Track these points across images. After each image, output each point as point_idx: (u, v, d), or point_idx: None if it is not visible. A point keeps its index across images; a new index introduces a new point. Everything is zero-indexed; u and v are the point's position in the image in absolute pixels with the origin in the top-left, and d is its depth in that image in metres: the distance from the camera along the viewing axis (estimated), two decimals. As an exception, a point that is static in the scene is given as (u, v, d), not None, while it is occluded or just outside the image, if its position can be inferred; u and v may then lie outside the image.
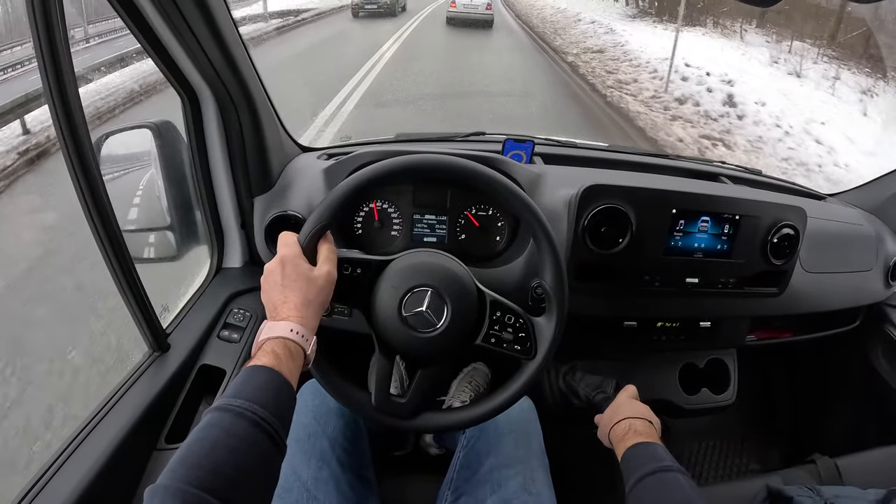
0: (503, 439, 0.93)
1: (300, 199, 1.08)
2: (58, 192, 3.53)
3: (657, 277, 1.07)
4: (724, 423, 1.62)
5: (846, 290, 1.29)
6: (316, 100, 6.07)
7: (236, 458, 0.53)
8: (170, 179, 1.03)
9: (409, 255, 0.80)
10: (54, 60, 0.66)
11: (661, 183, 1.14)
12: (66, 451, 0.76)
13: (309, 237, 0.75)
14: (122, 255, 0.81)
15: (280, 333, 0.65)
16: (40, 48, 0.65)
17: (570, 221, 1.03)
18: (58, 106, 0.68)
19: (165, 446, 0.86)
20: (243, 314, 1.04)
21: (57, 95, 0.68)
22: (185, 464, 0.51)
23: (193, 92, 0.98)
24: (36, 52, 0.66)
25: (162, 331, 0.93)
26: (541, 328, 0.81)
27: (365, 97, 6.53)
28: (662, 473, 0.74)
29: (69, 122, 0.70)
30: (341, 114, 5.50)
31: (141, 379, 0.89)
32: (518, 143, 1.17)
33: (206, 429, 0.55)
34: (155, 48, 0.88)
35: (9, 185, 3.98)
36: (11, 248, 3.24)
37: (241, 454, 0.53)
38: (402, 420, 0.80)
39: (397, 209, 1.10)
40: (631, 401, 0.93)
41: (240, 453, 0.53)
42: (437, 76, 8.03)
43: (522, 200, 0.82)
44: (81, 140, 0.72)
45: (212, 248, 1.12)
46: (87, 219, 0.77)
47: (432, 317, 0.76)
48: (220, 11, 0.87)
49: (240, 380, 0.61)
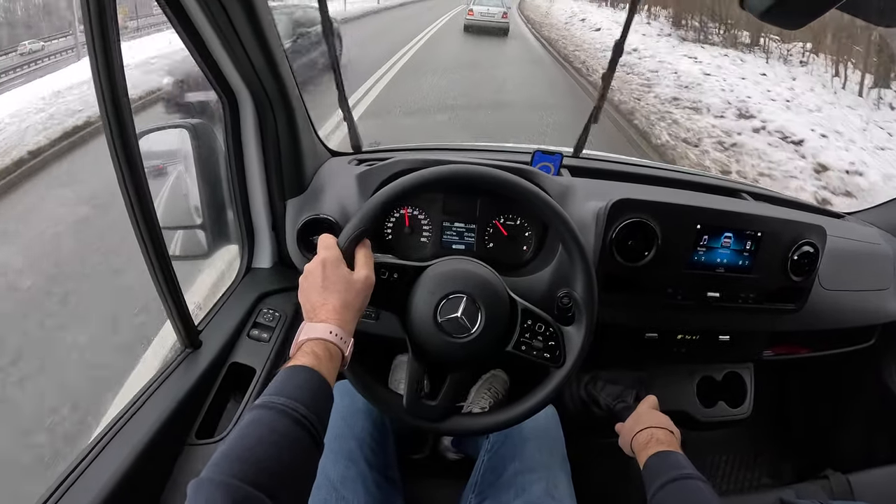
0: (527, 445, 0.95)
1: (333, 202, 1.10)
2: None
3: (680, 291, 1.09)
4: (737, 436, 1.63)
5: (863, 308, 1.30)
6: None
7: (279, 454, 0.54)
8: (204, 179, 1.05)
9: (445, 262, 0.82)
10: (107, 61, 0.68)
11: (686, 199, 1.15)
12: (100, 443, 0.77)
13: (349, 241, 0.77)
14: (162, 253, 0.82)
15: (320, 335, 0.67)
16: (93, 47, 0.67)
17: (599, 234, 1.04)
18: (108, 104, 0.70)
19: (196, 441, 0.88)
20: (272, 314, 1.06)
21: (108, 93, 0.69)
22: (228, 458, 0.52)
23: (233, 93, 1.00)
24: (89, 51, 0.68)
25: (195, 328, 0.94)
26: (570, 337, 0.83)
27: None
28: (684, 481, 0.76)
29: (118, 121, 0.71)
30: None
31: (173, 375, 0.90)
32: (547, 155, 1.18)
33: (249, 425, 0.56)
34: (199, 49, 0.90)
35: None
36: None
37: (283, 450, 0.55)
38: (433, 423, 0.81)
39: (427, 216, 1.12)
40: (652, 411, 0.94)
41: (282, 449, 0.55)
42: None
43: (558, 213, 0.84)
44: (129, 138, 0.73)
45: (242, 248, 1.14)
46: (129, 216, 0.79)
47: (466, 323, 0.78)
48: (264, 13, 0.89)
49: (281, 378, 0.62)
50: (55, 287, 2.75)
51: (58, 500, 0.70)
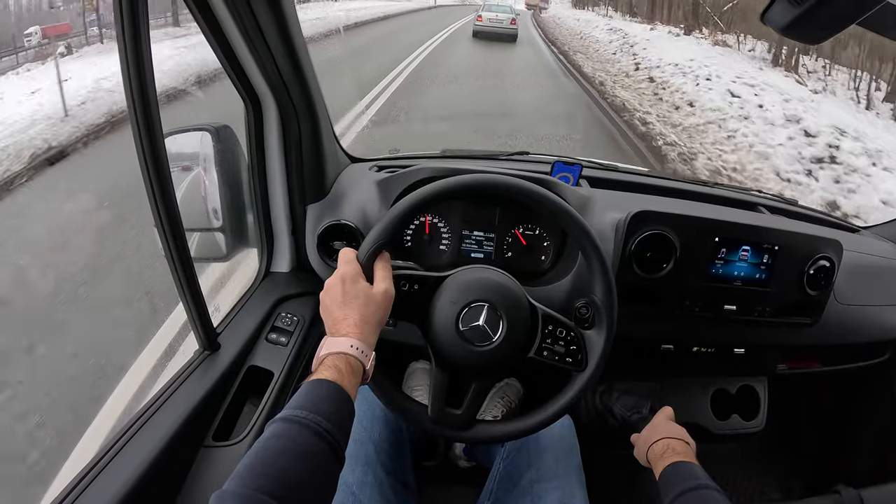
0: (543, 454, 0.95)
1: (354, 209, 1.10)
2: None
3: (697, 303, 1.09)
4: (748, 450, 1.63)
5: (878, 323, 1.29)
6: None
7: (300, 467, 0.55)
8: (225, 182, 1.05)
9: (465, 271, 0.83)
10: (138, 62, 0.68)
11: (705, 211, 1.16)
12: (118, 443, 0.77)
13: (368, 255, 0.77)
14: (185, 255, 0.83)
15: (341, 349, 0.67)
16: (125, 50, 0.68)
17: (618, 245, 1.05)
18: (137, 106, 0.71)
19: (213, 443, 0.88)
20: (291, 318, 1.06)
21: (138, 95, 0.70)
22: (251, 471, 0.53)
23: (258, 98, 1.01)
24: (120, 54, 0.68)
25: (213, 331, 0.95)
26: (591, 341, 0.83)
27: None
28: (701, 491, 0.76)
29: (147, 122, 0.72)
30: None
31: (192, 377, 0.90)
32: (566, 166, 1.19)
33: (271, 438, 0.56)
34: (225, 53, 0.91)
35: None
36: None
37: (305, 463, 0.55)
38: (458, 431, 0.81)
39: (447, 224, 1.12)
40: (668, 422, 0.95)
41: (304, 462, 0.55)
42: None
43: (577, 221, 0.84)
44: (156, 139, 0.74)
45: (262, 251, 1.14)
46: (154, 216, 0.79)
47: (489, 331, 0.78)
48: (292, 20, 0.90)
49: (303, 392, 0.62)
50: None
51: (74, 499, 0.70)
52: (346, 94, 6.58)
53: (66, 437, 1.76)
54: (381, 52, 10.83)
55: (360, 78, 7.77)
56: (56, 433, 1.81)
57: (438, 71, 9.25)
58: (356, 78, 7.69)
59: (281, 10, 0.86)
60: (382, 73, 8.30)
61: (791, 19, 0.65)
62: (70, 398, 1.99)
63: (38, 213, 3.24)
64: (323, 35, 11.34)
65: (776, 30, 0.69)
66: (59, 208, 3.23)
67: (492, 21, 14.64)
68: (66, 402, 1.96)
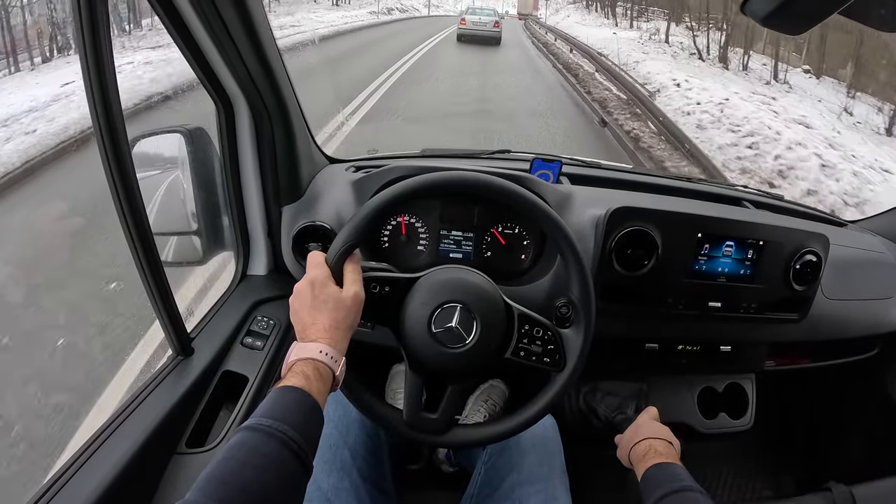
0: (525, 456, 0.93)
1: (329, 210, 1.09)
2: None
3: (681, 300, 1.08)
4: (738, 448, 1.61)
5: (866, 317, 1.28)
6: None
7: (264, 477, 0.53)
8: (199, 185, 1.04)
9: (437, 271, 0.81)
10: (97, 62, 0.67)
11: (687, 207, 1.14)
12: (87, 450, 0.76)
13: (336, 257, 0.76)
14: (153, 259, 0.81)
15: (310, 355, 0.66)
16: (84, 49, 0.66)
17: (598, 242, 1.03)
18: (98, 108, 0.69)
19: (186, 450, 0.86)
20: (267, 322, 1.04)
21: (99, 98, 0.68)
22: (213, 481, 0.52)
23: (228, 99, 0.99)
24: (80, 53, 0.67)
25: (187, 335, 0.93)
26: (569, 340, 0.82)
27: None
28: (682, 493, 0.75)
29: (108, 123, 0.70)
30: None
31: (164, 382, 0.89)
32: (546, 163, 1.18)
33: (235, 447, 0.55)
34: (194, 54, 0.89)
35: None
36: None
37: (268, 473, 0.54)
38: (434, 436, 0.80)
39: (424, 224, 1.11)
40: (652, 422, 0.93)
41: (268, 472, 0.54)
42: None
43: (551, 217, 0.83)
44: (119, 141, 0.72)
45: (238, 254, 1.13)
46: (120, 220, 0.77)
47: (462, 332, 0.77)
48: (260, 20, 0.88)
49: (270, 400, 0.61)
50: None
51: None
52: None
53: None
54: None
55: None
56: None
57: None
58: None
59: (247, 10, 0.84)
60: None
61: (772, 9, 0.64)
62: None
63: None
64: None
65: (757, 20, 0.68)
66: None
67: (475, 24, 14.82)
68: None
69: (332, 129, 5.33)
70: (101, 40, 0.67)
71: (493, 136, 5.92)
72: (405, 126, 6.21)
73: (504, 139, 5.81)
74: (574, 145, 6.07)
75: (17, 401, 1.89)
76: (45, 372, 2.05)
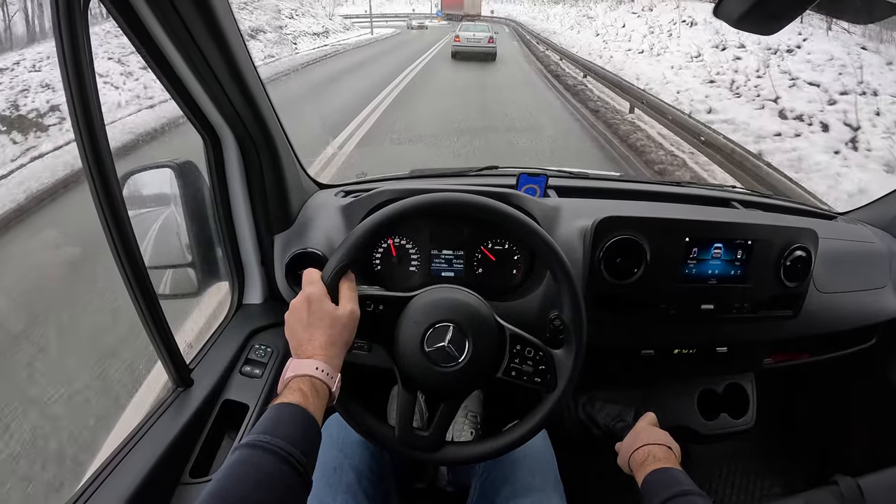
0: (518, 469, 0.94)
1: (319, 236, 1.10)
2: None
3: (673, 305, 1.08)
4: (745, 447, 1.61)
5: (861, 308, 1.28)
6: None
7: (264, 493, 0.54)
8: (191, 218, 1.05)
9: (430, 291, 0.82)
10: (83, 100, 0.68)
11: (674, 212, 1.15)
12: (93, 483, 0.77)
13: (332, 275, 0.77)
14: (148, 292, 0.82)
15: (306, 371, 0.67)
16: (69, 87, 0.67)
17: (586, 253, 1.04)
18: (86, 144, 0.70)
19: (190, 480, 0.87)
20: (264, 350, 1.05)
21: (86, 134, 0.70)
22: (215, 498, 0.52)
23: (215, 133, 1.01)
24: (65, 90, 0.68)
25: (185, 366, 0.94)
26: (560, 361, 0.82)
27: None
28: (682, 497, 0.75)
29: (97, 160, 0.71)
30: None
31: (165, 414, 0.90)
32: (531, 178, 1.19)
33: (235, 464, 0.56)
34: (178, 90, 0.91)
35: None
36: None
37: (268, 489, 0.55)
38: (426, 453, 0.80)
39: (415, 245, 1.11)
40: (650, 427, 0.93)
41: (268, 488, 0.55)
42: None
43: (539, 235, 0.84)
44: (108, 177, 0.73)
45: (232, 284, 1.14)
46: (113, 256, 0.79)
47: (454, 351, 0.77)
48: (240, 55, 0.90)
49: (267, 416, 0.62)
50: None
51: None
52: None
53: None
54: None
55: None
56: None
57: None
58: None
59: (226, 44, 0.86)
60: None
61: (744, 10, 0.65)
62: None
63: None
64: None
65: (730, 23, 0.69)
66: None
67: (469, 41, 14.85)
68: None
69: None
70: (87, 84, 0.68)
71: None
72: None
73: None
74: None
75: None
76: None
